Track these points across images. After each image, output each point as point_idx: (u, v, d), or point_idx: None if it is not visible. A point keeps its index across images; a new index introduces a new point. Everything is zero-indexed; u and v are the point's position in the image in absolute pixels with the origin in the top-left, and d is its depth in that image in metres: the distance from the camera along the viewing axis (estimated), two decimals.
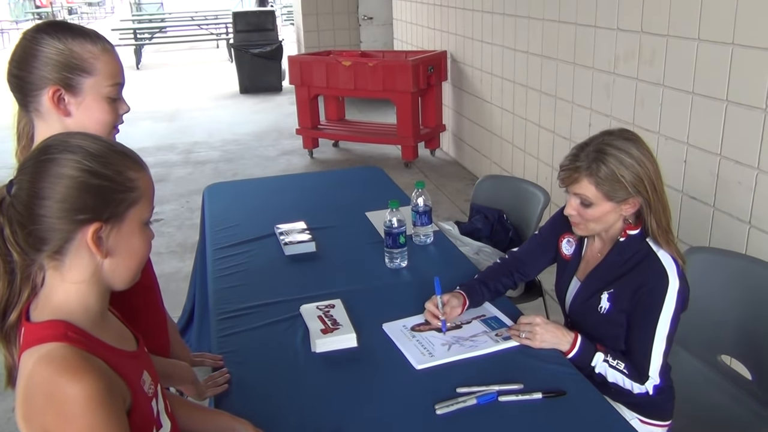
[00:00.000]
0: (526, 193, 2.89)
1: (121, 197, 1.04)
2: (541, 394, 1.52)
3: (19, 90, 1.37)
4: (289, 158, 6.56)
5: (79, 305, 1.04)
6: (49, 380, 0.93)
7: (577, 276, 1.87)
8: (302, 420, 1.49)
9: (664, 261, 1.67)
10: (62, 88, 1.34)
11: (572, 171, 1.68)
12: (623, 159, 1.63)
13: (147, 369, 1.13)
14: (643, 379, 1.67)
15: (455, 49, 5.99)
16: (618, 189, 1.64)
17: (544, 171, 4.38)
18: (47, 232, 1.00)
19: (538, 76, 4.33)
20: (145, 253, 1.11)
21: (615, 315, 1.73)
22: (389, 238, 2.19)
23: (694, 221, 2.87)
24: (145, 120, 8.50)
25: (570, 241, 1.91)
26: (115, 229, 1.04)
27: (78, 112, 1.37)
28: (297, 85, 6.27)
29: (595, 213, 1.69)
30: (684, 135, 2.89)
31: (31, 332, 1.00)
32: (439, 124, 6.31)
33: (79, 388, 0.93)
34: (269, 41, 9.95)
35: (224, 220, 2.72)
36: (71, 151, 1.01)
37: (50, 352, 0.96)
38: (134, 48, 14.03)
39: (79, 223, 1.01)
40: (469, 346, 1.74)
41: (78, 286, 1.04)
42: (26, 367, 0.96)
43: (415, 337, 1.78)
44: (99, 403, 0.93)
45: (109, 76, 1.38)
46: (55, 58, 1.32)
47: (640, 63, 3.19)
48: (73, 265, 1.03)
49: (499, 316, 1.88)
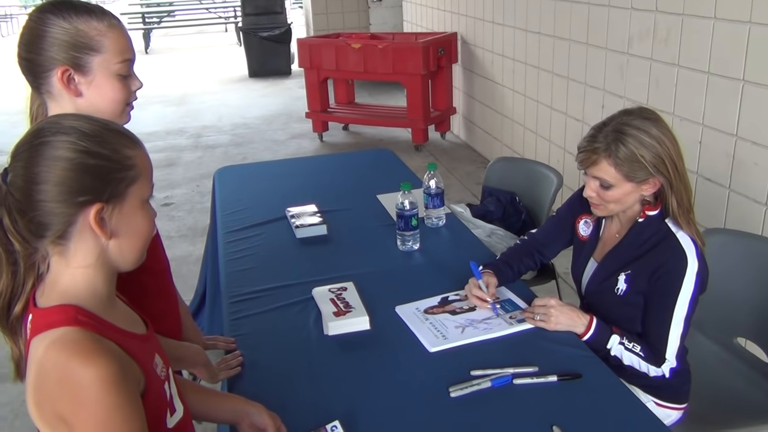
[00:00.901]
0: (538, 175, 2.86)
1: (120, 176, 1.02)
2: (556, 376, 1.51)
3: (30, 72, 1.35)
4: (298, 142, 6.54)
5: (86, 289, 1.02)
6: (62, 364, 0.92)
7: (594, 257, 1.85)
8: (315, 403, 1.49)
9: (683, 242, 1.64)
10: (71, 68, 1.32)
11: (590, 153, 1.65)
12: (643, 139, 1.60)
13: (158, 352, 1.12)
14: (660, 362, 1.65)
15: (466, 31, 5.93)
16: (638, 169, 1.61)
17: (556, 153, 4.35)
18: (48, 217, 0.98)
19: (550, 57, 4.28)
20: (148, 231, 1.09)
21: (632, 297, 1.71)
22: (401, 220, 2.17)
23: (710, 203, 2.84)
24: (154, 104, 8.49)
25: (587, 222, 1.89)
26: (117, 209, 1.02)
27: (89, 91, 1.35)
28: (306, 68, 6.23)
29: (615, 194, 1.67)
30: (699, 116, 2.85)
31: (40, 318, 0.99)
32: (449, 107, 6.27)
33: (92, 371, 0.91)
34: (278, 24, 9.90)
35: (235, 203, 2.71)
36: (65, 133, 0.99)
37: (62, 336, 0.95)
38: (143, 32, 14.01)
39: (80, 205, 0.99)
40: (483, 328, 1.73)
41: (84, 270, 1.02)
42: (37, 353, 0.95)
43: (428, 320, 1.77)
44: (113, 386, 0.92)
45: (117, 53, 1.36)
46: (62, 37, 1.30)
47: (654, 43, 3.14)
48: (77, 249, 1.01)
49: (513, 298, 1.87)
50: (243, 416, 1.34)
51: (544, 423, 1.37)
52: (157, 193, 4.70)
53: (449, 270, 2.07)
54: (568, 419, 1.38)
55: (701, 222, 2.84)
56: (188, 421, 1.19)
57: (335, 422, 1.38)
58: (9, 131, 7.23)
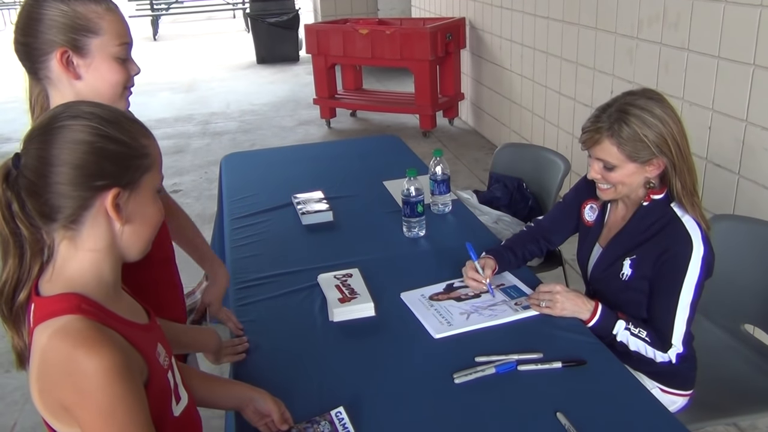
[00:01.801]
0: (545, 161, 2.85)
1: (137, 163, 1.03)
2: (561, 363, 1.51)
3: (28, 57, 1.34)
4: (306, 128, 6.53)
5: (92, 276, 1.02)
6: (66, 354, 0.92)
7: (599, 242, 1.84)
8: (320, 389, 1.50)
9: (688, 226, 1.63)
10: (70, 49, 1.31)
11: (594, 132, 1.64)
12: (646, 118, 1.59)
13: (160, 341, 1.12)
14: (666, 347, 1.65)
15: (474, 16, 5.89)
16: (641, 149, 1.60)
17: (565, 139, 4.32)
18: (62, 199, 0.98)
19: (559, 42, 4.25)
20: (158, 220, 1.10)
21: (637, 282, 1.70)
22: (407, 207, 2.17)
23: (719, 188, 2.82)
24: (163, 91, 8.49)
25: (593, 207, 1.88)
26: (132, 195, 1.03)
27: (88, 74, 1.34)
28: (314, 54, 6.21)
29: (618, 176, 1.66)
30: (709, 101, 2.82)
31: (43, 306, 0.99)
32: (457, 93, 6.24)
33: (96, 361, 0.91)
34: (286, 10, 9.86)
35: (242, 189, 2.71)
36: (84, 118, 0.99)
37: (65, 325, 0.95)
38: (151, 19, 13.99)
39: (98, 189, 0.99)
40: (488, 315, 1.72)
41: (93, 254, 1.02)
42: (40, 342, 0.95)
43: (433, 306, 1.77)
44: (117, 377, 0.92)
45: (115, 36, 1.35)
46: (60, 20, 1.30)
47: (664, 27, 3.11)
48: (89, 234, 1.01)
49: (518, 284, 1.87)
50: (247, 402, 1.35)
51: (549, 409, 1.37)
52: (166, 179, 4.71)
53: (455, 257, 2.06)
54: (573, 406, 1.38)
55: (710, 208, 2.83)
56: (193, 409, 1.19)
57: (340, 408, 1.38)
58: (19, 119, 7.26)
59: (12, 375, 2.92)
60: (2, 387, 2.86)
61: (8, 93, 8.48)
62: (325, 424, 1.35)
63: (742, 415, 1.96)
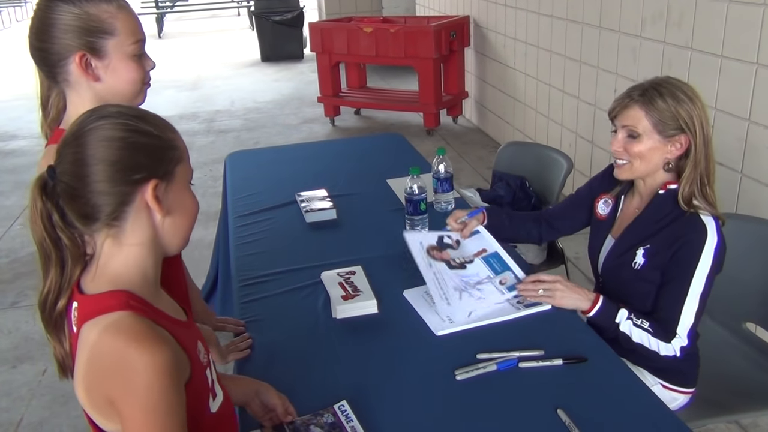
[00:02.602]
0: (548, 160, 2.86)
1: (169, 155, 1.05)
2: (561, 360, 1.52)
3: (45, 62, 1.35)
4: (310, 126, 6.54)
5: (137, 272, 1.03)
6: (118, 349, 0.93)
7: (612, 234, 1.85)
8: (323, 384, 1.51)
9: (703, 216, 1.64)
10: (88, 52, 1.33)
11: (625, 98, 1.67)
12: (678, 95, 1.63)
13: (199, 339, 1.13)
14: (670, 337, 1.64)
15: (478, 14, 5.89)
16: (669, 120, 1.63)
17: (568, 138, 4.32)
18: (103, 197, 0.99)
19: (563, 41, 4.25)
20: (196, 211, 1.12)
21: (649, 272, 1.70)
22: (410, 205, 2.18)
23: (721, 187, 2.79)
24: (168, 89, 8.52)
25: (607, 201, 1.89)
26: (169, 186, 1.05)
27: (107, 75, 1.36)
28: (318, 52, 6.22)
29: (641, 147, 1.67)
30: (712, 99, 2.82)
31: (91, 304, 0.99)
32: (461, 91, 6.24)
33: (147, 358, 0.92)
34: (290, 8, 9.87)
35: (246, 187, 2.72)
36: (112, 116, 1.01)
37: (117, 321, 0.96)
38: (156, 17, 14.01)
39: (137, 183, 1.01)
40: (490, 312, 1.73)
41: (137, 248, 1.03)
42: (89, 338, 0.95)
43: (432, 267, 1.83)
44: (166, 374, 0.93)
45: (130, 34, 1.37)
46: (74, 23, 1.31)
47: (667, 26, 3.11)
48: (132, 229, 1.03)
49: (501, 253, 1.91)
50: (253, 396, 1.36)
51: (550, 406, 1.38)
52: None
53: None
54: (573, 402, 1.39)
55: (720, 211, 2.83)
56: (229, 405, 1.21)
57: (343, 402, 1.40)
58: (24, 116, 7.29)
59: (18, 371, 2.95)
60: (9, 383, 2.88)
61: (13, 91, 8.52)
62: (329, 416, 1.37)
63: (744, 412, 1.97)
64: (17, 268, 3.94)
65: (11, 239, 4.35)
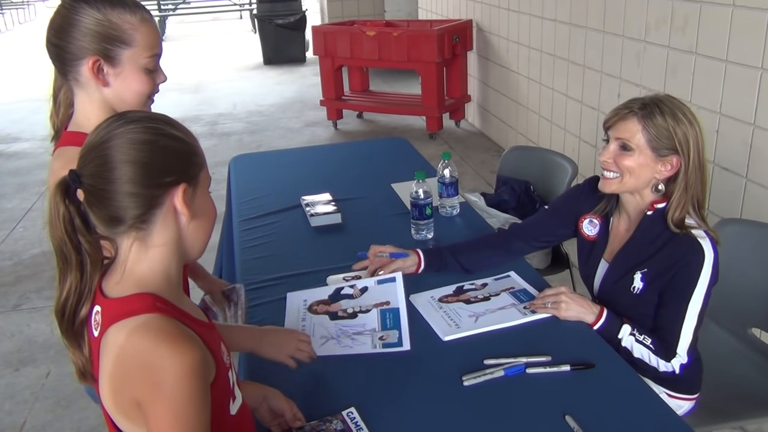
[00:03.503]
0: (553, 164, 2.85)
1: (195, 159, 1.05)
2: (569, 366, 1.51)
3: (58, 59, 1.37)
4: (313, 130, 6.55)
5: (162, 274, 1.03)
6: (148, 350, 0.93)
7: (605, 257, 1.83)
8: (329, 389, 1.51)
9: (697, 234, 1.62)
10: (101, 58, 1.34)
11: (623, 109, 1.66)
12: (677, 114, 1.62)
13: (222, 341, 1.13)
14: (670, 356, 1.64)
15: (481, 18, 5.89)
16: (664, 139, 1.61)
17: (571, 142, 4.33)
18: (131, 199, 0.98)
19: (566, 45, 4.25)
20: (215, 216, 1.12)
21: (649, 295, 1.69)
22: (415, 209, 2.18)
23: (726, 192, 2.82)
24: (170, 92, 8.51)
25: (593, 221, 1.86)
26: (195, 191, 1.05)
27: (116, 82, 1.37)
28: (321, 55, 6.23)
29: (632, 162, 1.64)
30: (717, 104, 2.82)
31: (117, 307, 0.99)
32: (464, 95, 6.25)
33: (178, 358, 0.92)
34: (293, 11, 9.89)
35: (250, 191, 2.72)
36: (140, 120, 1.00)
37: (145, 322, 0.95)
38: (158, 19, 14.03)
39: (167, 186, 1.01)
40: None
41: (162, 250, 1.03)
42: (117, 341, 0.95)
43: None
44: (195, 376, 0.93)
45: (147, 47, 1.38)
46: (94, 28, 1.32)
47: (672, 30, 3.11)
48: (159, 232, 1.02)
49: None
50: (261, 401, 1.36)
51: (557, 412, 1.38)
52: None
53: None
54: (581, 409, 1.39)
55: (717, 212, 2.83)
56: (247, 407, 1.20)
57: (351, 408, 1.40)
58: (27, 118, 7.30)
59: (21, 374, 2.95)
60: (12, 386, 2.88)
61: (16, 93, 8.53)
62: (337, 423, 1.36)
63: (749, 418, 1.96)
64: (20, 270, 3.94)
65: (14, 242, 4.35)
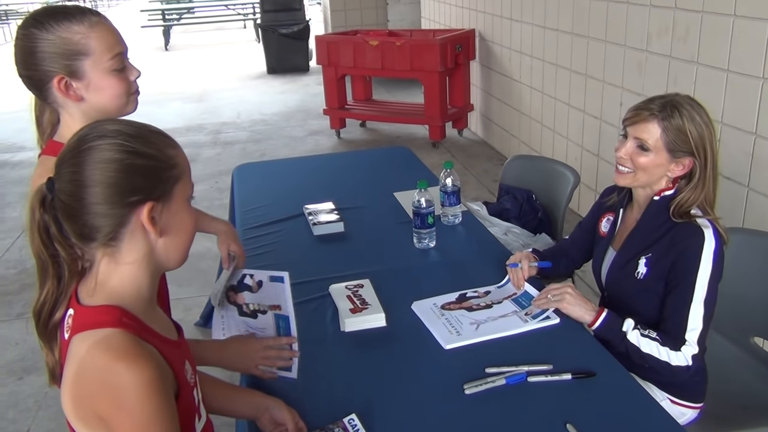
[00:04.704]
0: (555, 173, 2.86)
1: (167, 174, 1.04)
2: (570, 374, 1.52)
3: (32, 86, 1.39)
4: (316, 138, 6.57)
5: (132, 290, 1.04)
6: (105, 366, 0.94)
7: (613, 246, 1.86)
8: (332, 397, 1.51)
9: (699, 221, 1.65)
10: (66, 75, 1.34)
11: (644, 110, 1.68)
12: (694, 117, 1.64)
13: (187, 358, 1.14)
14: (679, 345, 1.63)
15: (484, 28, 5.92)
16: (681, 142, 1.64)
17: (574, 151, 4.33)
18: (100, 219, 0.99)
19: (569, 54, 4.27)
20: (193, 229, 1.11)
21: (652, 282, 1.71)
22: (418, 218, 2.19)
23: (728, 201, 2.82)
24: (174, 101, 8.57)
25: (609, 218, 1.91)
26: (165, 207, 1.04)
27: (89, 93, 1.38)
28: (324, 65, 6.25)
29: (648, 161, 1.68)
30: (718, 113, 2.83)
31: (85, 316, 1.00)
32: (467, 104, 6.26)
33: (136, 374, 0.93)
34: (296, 21, 9.93)
35: (253, 200, 2.74)
36: (109, 136, 1.00)
37: (106, 338, 0.96)
38: (163, 29, 14.12)
39: (132, 205, 1.01)
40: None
41: (132, 267, 1.04)
42: (79, 352, 0.96)
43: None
44: (155, 391, 0.94)
45: (106, 50, 1.37)
46: (49, 50, 1.33)
47: (673, 40, 3.13)
48: (128, 248, 1.03)
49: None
50: (263, 411, 1.36)
51: (558, 420, 1.38)
52: None
53: (465, 267, 2.08)
54: (582, 417, 1.39)
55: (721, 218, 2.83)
56: (210, 427, 1.21)
57: (352, 415, 1.40)
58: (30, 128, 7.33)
59: (25, 382, 2.95)
60: (16, 394, 2.88)
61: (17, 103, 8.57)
62: (338, 430, 1.37)
63: (752, 428, 1.95)
64: (24, 279, 3.96)
65: (18, 250, 4.37)
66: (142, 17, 14.63)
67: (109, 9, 24.42)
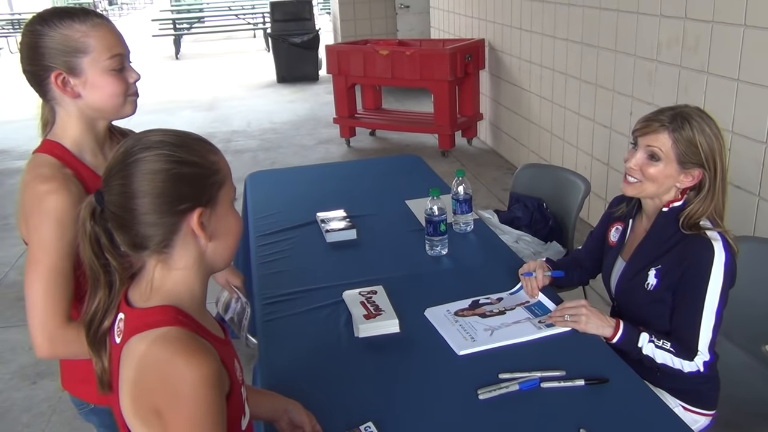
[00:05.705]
0: (566, 182, 2.88)
1: (211, 180, 1.07)
2: (583, 381, 1.53)
3: (34, 83, 1.42)
4: (326, 147, 6.60)
5: (186, 292, 1.07)
6: (166, 360, 0.96)
7: (622, 256, 1.87)
8: (346, 403, 1.53)
9: (709, 233, 1.66)
10: (64, 71, 1.38)
11: (655, 122, 1.69)
12: (704, 128, 1.66)
13: (235, 357, 1.17)
14: (692, 355, 1.65)
15: (493, 37, 5.95)
16: (691, 154, 1.65)
17: (584, 160, 4.34)
18: (151, 228, 1.03)
19: (578, 64, 4.29)
20: (240, 230, 1.15)
21: (662, 293, 1.72)
22: (430, 225, 2.21)
23: (739, 210, 2.83)
24: (184, 109, 8.63)
25: (618, 228, 1.92)
26: (213, 212, 1.08)
27: (85, 91, 1.41)
28: (334, 74, 6.30)
29: (657, 172, 1.69)
30: (729, 123, 2.84)
31: (140, 317, 1.03)
32: (476, 113, 6.29)
33: (195, 369, 0.95)
34: (306, 30, 10.00)
35: (266, 207, 2.76)
36: (155, 147, 1.03)
37: (166, 334, 0.99)
38: (173, 38, 14.22)
39: (182, 213, 1.04)
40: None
41: (184, 272, 1.07)
42: (138, 350, 0.99)
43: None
44: (211, 386, 0.96)
45: (105, 50, 1.40)
46: (51, 45, 1.36)
47: (683, 50, 3.14)
48: (180, 254, 1.06)
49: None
50: (282, 414, 1.38)
51: (572, 426, 1.39)
52: None
53: (477, 275, 2.10)
54: (595, 423, 1.40)
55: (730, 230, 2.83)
56: (252, 424, 1.23)
57: (369, 423, 1.42)
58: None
59: (39, 387, 2.98)
60: (30, 399, 2.91)
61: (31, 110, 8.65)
62: None
63: None
64: None
65: None
66: (153, 26, 14.75)
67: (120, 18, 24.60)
